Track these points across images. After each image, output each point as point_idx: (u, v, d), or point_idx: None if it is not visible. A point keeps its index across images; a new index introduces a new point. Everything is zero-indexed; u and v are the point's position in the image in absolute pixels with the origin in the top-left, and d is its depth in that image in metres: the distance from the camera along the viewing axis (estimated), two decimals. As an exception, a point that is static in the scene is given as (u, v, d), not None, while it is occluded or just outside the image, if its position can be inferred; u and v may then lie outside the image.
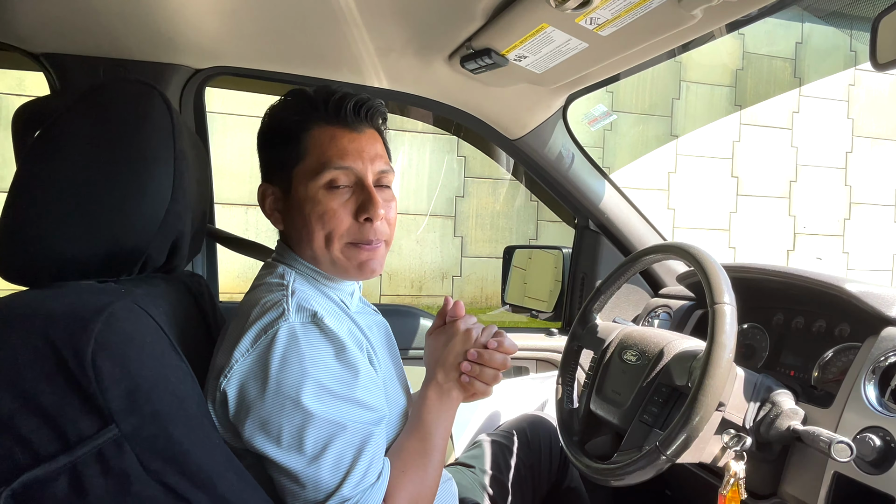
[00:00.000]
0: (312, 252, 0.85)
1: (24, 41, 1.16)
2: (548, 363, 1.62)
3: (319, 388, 0.72)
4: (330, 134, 0.84)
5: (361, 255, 0.85)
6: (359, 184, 0.85)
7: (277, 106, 0.89)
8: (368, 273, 0.87)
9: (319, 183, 0.83)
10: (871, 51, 0.78)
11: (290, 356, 0.72)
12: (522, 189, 4.42)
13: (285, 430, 0.71)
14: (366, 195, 0.84)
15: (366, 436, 0.74)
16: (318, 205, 0.83)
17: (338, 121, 0.85)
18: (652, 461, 0.88)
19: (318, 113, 0.85)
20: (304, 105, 0.86)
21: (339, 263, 0.85)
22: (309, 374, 0.72)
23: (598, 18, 0.93)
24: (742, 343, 1.19)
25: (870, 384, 0.91)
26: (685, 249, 1.00)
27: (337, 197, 0.83)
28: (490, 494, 1.17)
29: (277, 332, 0.73)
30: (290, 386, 0.72)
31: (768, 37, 4.90)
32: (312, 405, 0.71)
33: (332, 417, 0.72)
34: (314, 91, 0.87)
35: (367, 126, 0.88)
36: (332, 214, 0.83)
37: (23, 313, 0.60)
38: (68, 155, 0.69)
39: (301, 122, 0.85)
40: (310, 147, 0.84)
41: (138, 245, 0.72)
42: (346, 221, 0.84)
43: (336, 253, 0.84)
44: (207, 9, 1.06)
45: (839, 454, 0.82)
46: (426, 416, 0.86)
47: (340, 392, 0.74)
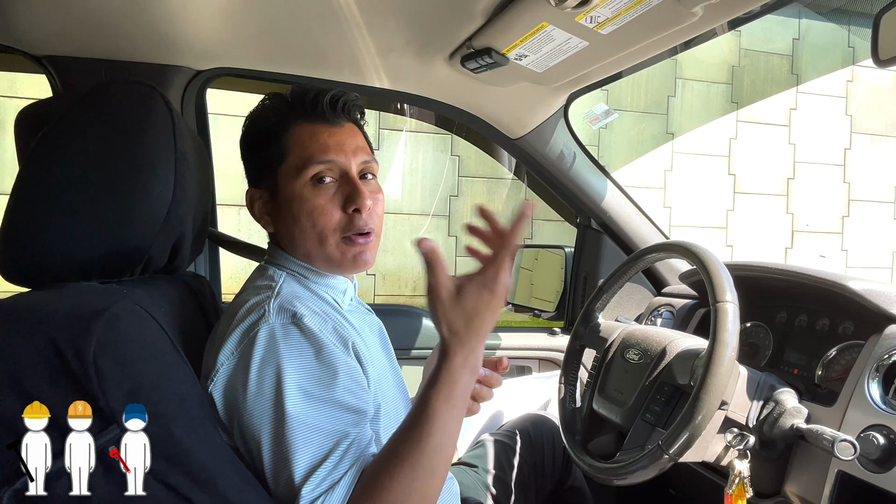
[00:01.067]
0: (306, 250, 0.85)
1: (26, 44, 1.16)
2: (550, 363, 1.62)
3: (298, 389, 0.72)
4: (310, 131, 0.85)
5: (355, 249, 0.85)
6: (343, 177, 0.85)
7: (256, 110, 0.89)
8: (362, 266, 0.87)
9: (304, 179, 0.83)
10: (873, 47, 0.78)
11: (268, 358, 0.72)
12: (518, 187, 4.42)
13: (264, 431, 0.71)
14: (351, 187, 0.84)
15: (341, 437, 0.72)
16: (306, 202, 0.83)
17: (316, 117, 0.86)
18: (654, 460, 0.88)
19: (295, 112, 0.86)
20: (282, 106, 0.87)
21: (333, 259, 0.85)
22: (288, 375, 0.72)
23: (598, 17, 0.92)
24: (745, 341, 1.19)
25: (873, 382, 0.91)
26: (687, 248, 1.00)
27: (324, 192, 0.84)
28: (493, 494, 1.17)
29: (258, 333, 0.74)
30: (269, 388, 0.71)
31: (765, 33, 4.89)
32: (290, 407, 0.71)
33: (310, 420, 0.71)
34: (290, 91, 0.88)
35: (346, 120, 0.89)
36: (322, 210, 0.83)
37: (25, 314, 0.60)
38: (70, 157, 0.69)
39: (280, 122, 0.86)
40: (291, 146, 0.85)
41: (140, 246, 0.72)
42: (336, 215, 0.84)
43: (331, 248, 0.84)
44: (208, 10, 1.05)
45: (843, 453, 0.82)
46: (423, 406, 0.70)
47: (319, 394, 0.73)
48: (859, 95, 5.18)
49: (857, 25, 4.68)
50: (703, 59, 4.81)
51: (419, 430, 0.69)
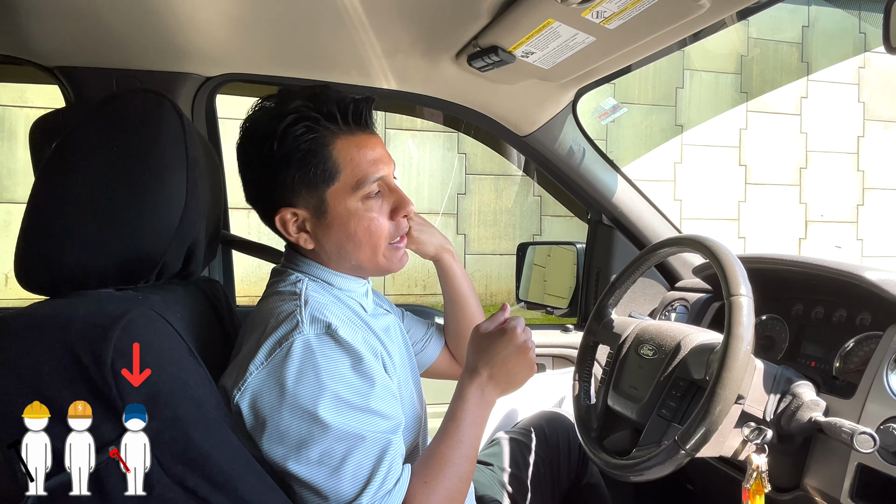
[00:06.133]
0: (358, 262, 0.87)
1: (39, 55, 1.18)
2: (564, 360, 1.61)
3: (337, 400, 0.73)
4: (354, 145, 0.84)
5: (399, 252, 0.90)
6: (384, 186, 0.86)
7: (281, 129, 0.80)
8: (404, 265, 0.91)
9: (359, 197, 0.84)
10: (885, 35, 0.77)
11: (306, 369, 0.73)
12: (526, 184, 4.40)
13: (304, 444, 0.71)
14: (397, 196, 0.87)
15: (385, 445, 0.74)
16: (363, 218, 0.84)
17: (352, 128, 0.84)
18: (671, 456, 0.88)
19: (336, 125, 0.82)
20: (311, 121, 0.81)
21: (382, 266, 0.88)
22: (326, 386, 0.72)
23: (604, 12, 0.92)
24: (762, 335, 1.18)
25: (892, 373, 0.90)
26: (700, 241, 0.99)
27: (374, 206, 0.85)
28: (509, 492, 1.17)
29: (293, 344, 0.73)
30: (307, 399, 0.72)
31: (774, 22, 4.83)
32: (330, 418, 0.71)
33: (351, 429, 0.72)
34: (316, 102, 0.82)
35: (373, 126, 0.88)
36: (378, 224, 0.85)
37: (44, 322, 0.61)
38: (82, 166, 0.70)
39: (318, 138, 0.81)
40: (341, 163, 0.82)
41: (154, 252, 0.73)
42: (386, 225, 0.86)
43: (382, 258, 0.87)
44: (216, 17, 1.06)
45: (862, 445, 0.81)
46: (461, 417, 0.82)
47: (357, 403, 0.74)
48: (872, 82, 5.11)
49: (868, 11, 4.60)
50: (712, 50, 4.76)
51: (453, 436, 0.81)
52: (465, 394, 0.84)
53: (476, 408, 0.84)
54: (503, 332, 0.86)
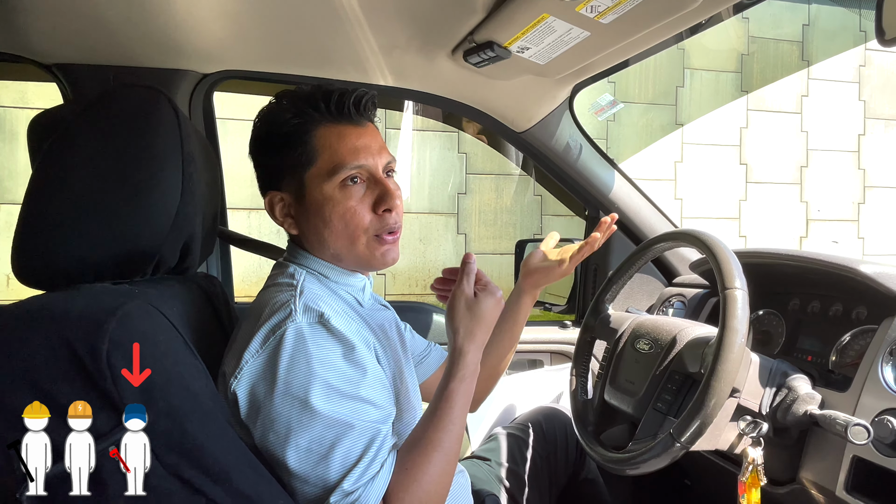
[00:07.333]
0: (335, 250, 0.86)
1: (37, 53, 1.18)
2: (562, 355, 1.61)
3: (327, 388, 0.73)
4: (337, 133, 0.85)
5: (385, 247, 0.87)
6: (371, 178, 0.86)
7: (272, 110, 0.87)
8: (390, 262, 0.89)
9: (335, 183, 0.84)
10: (877, 26, 0.76)
11: (297, 357, 0.73)
12: (526, 183, 4.40)
13: (294, 431, 0.72)
14: (381, 188, 0.86)
15: (373, 433, 0.74)
16: (338, 204, 0.84)
17: (341, 118, 0.85)
18: (666, 449, 0.88)
19: (319, 112, 0.85)
20: (303, 106, 0.85)
21: (363, 258, 0.87)
22: (317, 374, 0.73)
23: (598, 6, 0.92)
24: (758, 329, 1.18)
25: (887, 366, 0.90)
26: (695, 236, 0.99)
27: (354, 194, 0.85)
28: (507, 487, 1.17)
29: (285, 332, 0.74)
30: (298, 387, 0.72)
31: (774, 19, 4.82)
32: (321, 405, 0.72)
33: (340, 417, 0.73)
34: (311, 90, 0.86)
35: (367, 119, 0.89)
36: (354, 212, 0.84)
37: (40, 315, 0.61)
38: (79, 161, 0.70)
39: (303, 123, 0.84)
40: (319, 148, 0.84)
41: (150, 247, 0.73)
42: (367, 216, 0.85)
43: (361, 248, 0.86)
44: (213, 14, 1.07)
45: (856, 437, 0.81)
46: (447, 401, 0.81)
47: (348, 391, 0.74)
48: (872, 80, 5.09)
49: (868, 9, 4.60)
50: (711, 48, 4.76)
51: (445, 418, 0.80)
52: (454, 371, 0.82)
53: (469, 385, 0.83)
54: (460, 296, 0.84)
